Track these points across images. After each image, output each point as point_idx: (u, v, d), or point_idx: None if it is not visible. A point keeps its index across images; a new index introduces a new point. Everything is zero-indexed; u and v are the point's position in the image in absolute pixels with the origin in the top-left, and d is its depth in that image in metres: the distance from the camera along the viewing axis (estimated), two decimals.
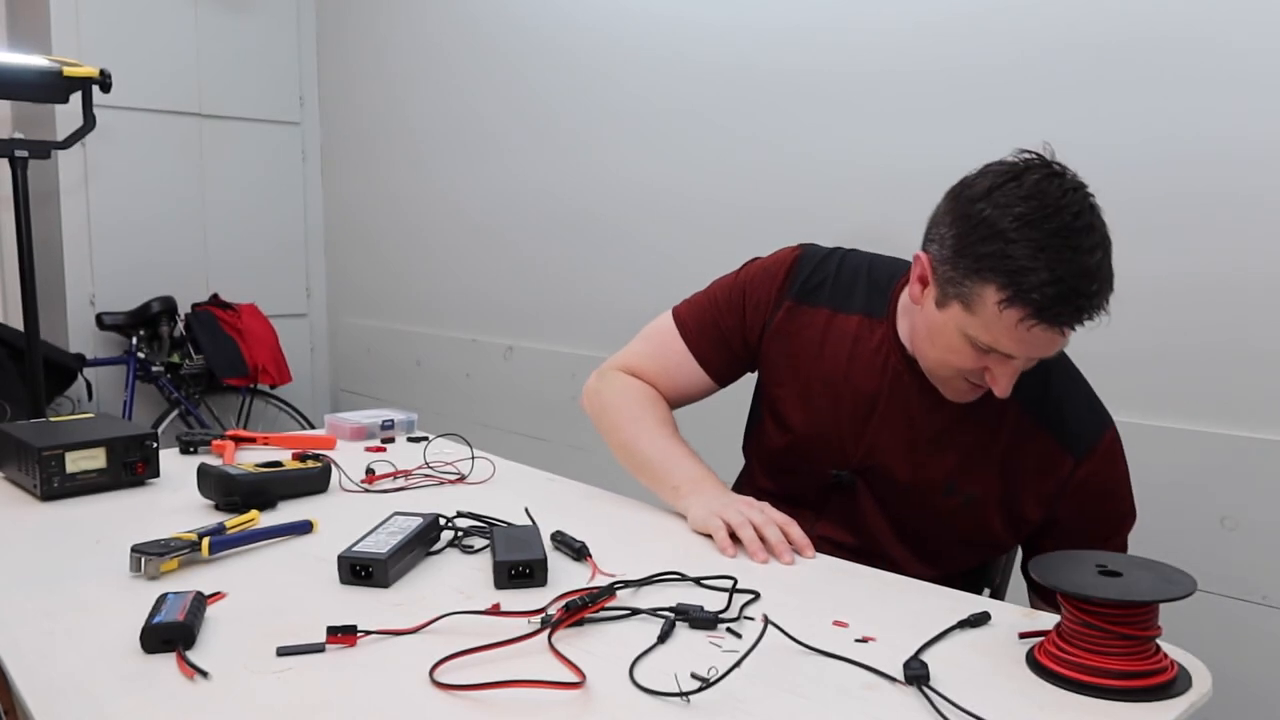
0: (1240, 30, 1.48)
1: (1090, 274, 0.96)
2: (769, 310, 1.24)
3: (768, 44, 2.17)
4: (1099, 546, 1.13)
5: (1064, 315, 0.96)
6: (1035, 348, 1.00)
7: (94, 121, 2.77)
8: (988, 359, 1.03)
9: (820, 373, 1.21)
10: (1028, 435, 1.12)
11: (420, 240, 3.45)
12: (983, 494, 1.14)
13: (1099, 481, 1.12)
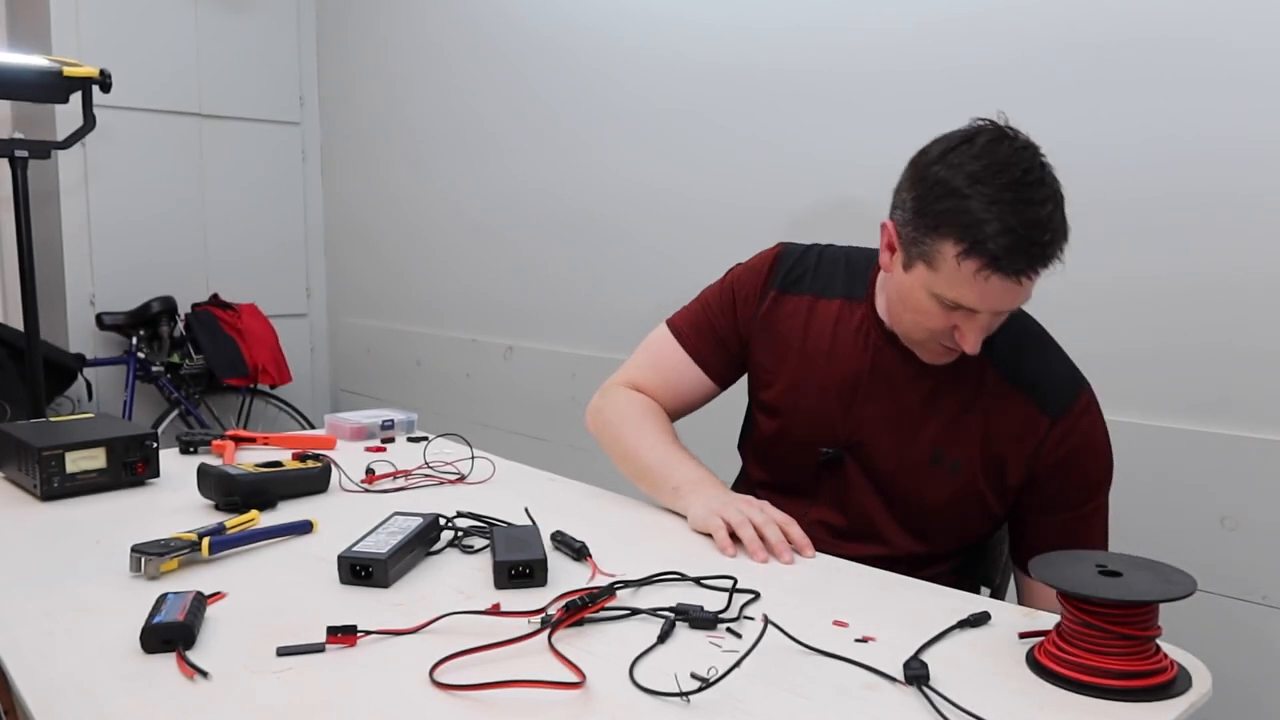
0: (1240, 30, 1.48)
1: (1042, 224, 1.01)
2: (756, 303, 1.29)
3: (768, 44, 2.17)
4: (1078, 507, 1.17)
5: (1018, 264, 1.01)
6: (995, 299, 1.04)
7: (94, 121, 2.77)
8: (955, 316, 1.07)
9: (805, 356, 1.25)
10: (1005, 399, 1.16)
11: (420, 240, 3.45)
12: (968, 460, 1.16)
13: (1075, 441, 1.15)
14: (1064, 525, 1.17)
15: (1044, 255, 1.02)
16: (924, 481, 1.18)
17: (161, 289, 3.55)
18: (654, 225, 2.51)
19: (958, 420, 1.16)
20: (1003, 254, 1.00)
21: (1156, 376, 1.60)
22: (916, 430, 1.18)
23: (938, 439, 1.17)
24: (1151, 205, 1.59)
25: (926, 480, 1.18)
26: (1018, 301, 1.06)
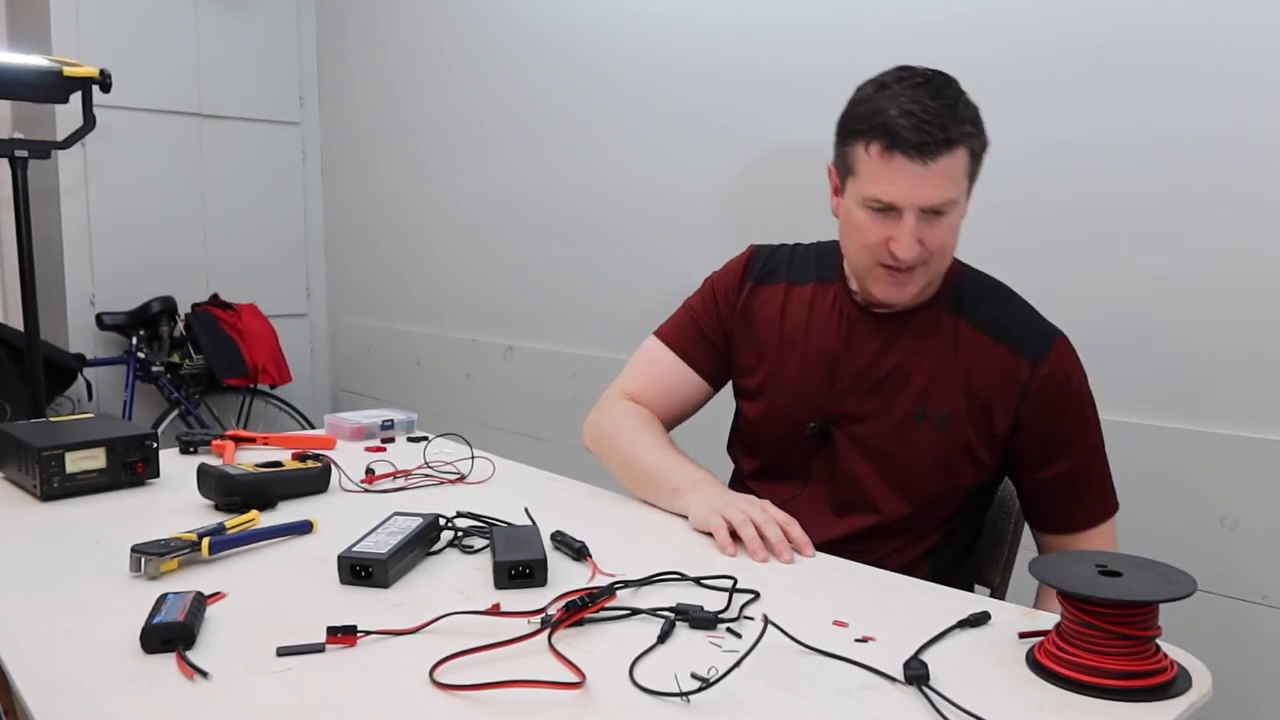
0: (1240, 30, 1.48)
1: (942, 109, 1.09)
2: (735, 296, 1.35)
3: (767, 44, 2.17)
4: (1067, 449, 1.19)
5: (916, 138, 1.08)
6: (907, 185, 1.10)
7: (94, 121, 2.77)
8: (886, 225, 1.13)
9: (784, 340, 1.30)
10: (984, 350, 1.20)
11: (420, 240, 3.45)
12: (953, 412, 1.19)
13: (1057, 381, 1.18)
14: (1065, 478, 1.20)
15: (943, 132, 1.08)
16: (911, 439, 1.21)
17: (161, 289, 3.55)
18: (654, 225, 2.51)
19: (938, 375, 1.20)
20: (901, 130, 1.08)
21: (1157, 376, 1.60)
22: (898, 391, 1.21)
23: (920, 395, 1.20)
24: (1151, 205, 1.59)
25: (913, 437, 1.21)
26: (933, 191, 1.10)
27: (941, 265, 1.18)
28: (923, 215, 1.12)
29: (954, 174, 1.11)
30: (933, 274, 1.18)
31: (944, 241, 1.15)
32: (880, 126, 1.10)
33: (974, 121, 1.13)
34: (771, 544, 1.07)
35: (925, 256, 1.14)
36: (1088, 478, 1.22)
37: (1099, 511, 1.23)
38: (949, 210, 1.13)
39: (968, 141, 1.11)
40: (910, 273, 1.16)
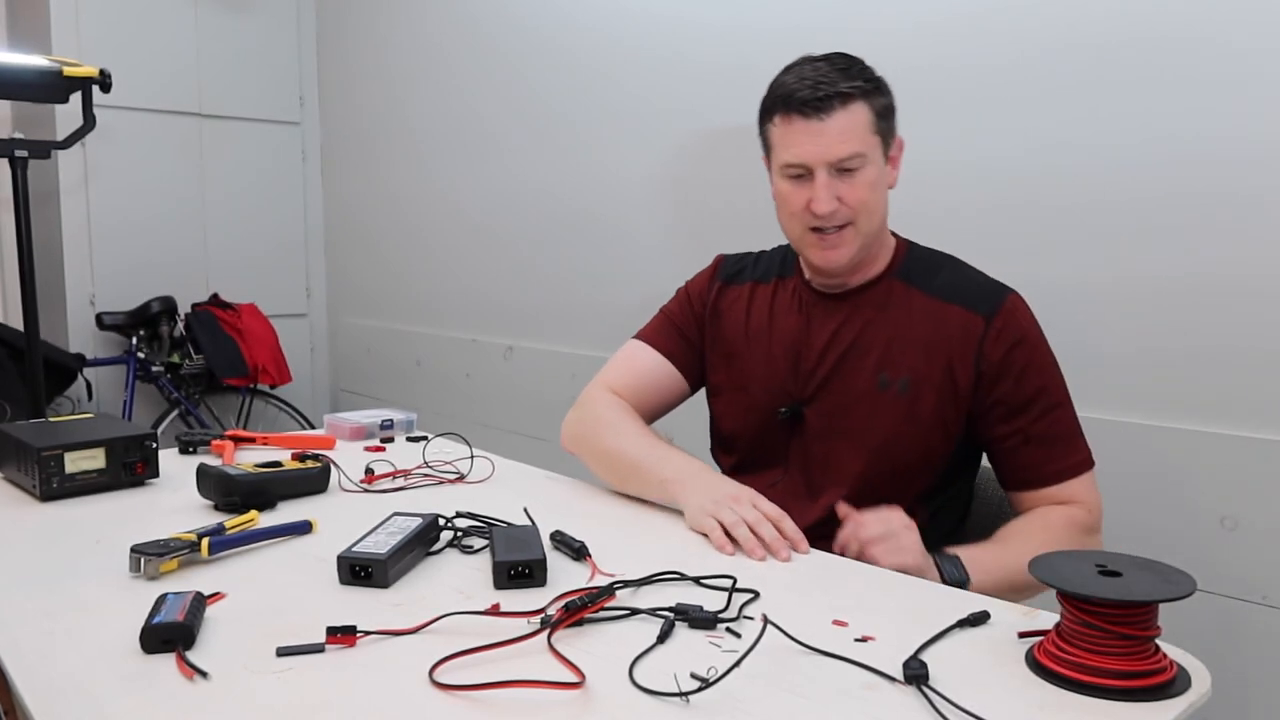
0: (1241, 29, 1.48)
1: (832, 70, 1.19)
2: (706, 296, 1.42)
3: (768, 44, 2.17)
4: (1030, 401, 1.21)
5: (807, 97, 1.18)
6: (809, 143, 1.19)
7: (94, 121, 2.77)
8: (804, 190, 1.21)
9: (750, 334, 1.35)
10: (939, 313, 1.24)
11: (420, 240, 3.45)
12: (914, 376, 1.23)
13: (1012, 333, 1.21)
14: (1031, 430, 1.21)
15: (833, 87, 1.17)
16: (877, 409, 1.24)
17: (161, 289, 3.55)
18: (654, 225, 2.51)
19: (895, 342, 1.24)
20: (796, 94, 1.19)
21: (1157, 376, 1.60)
22: (858, 364, 1.25)
23: (880, 365, 1.24)
24: (1151, 205, 1.59)
25: (879, 407, 1.24)
26: (834, 144, 1.17)
27: (869, 224, 1.22)
28: (835, 173, 1.19)
29: (855, 128, 1.18)
30: (863, 235, 1.22)
31: (863, 198, 1.20)
32: (780, 99, 1.22)
33: (870, 80, 1.20)
34: (767, 543, 1.07)
35: (849, 215, 1.20)
36: (1055, 429, 1.22)
37: (1072, 464, 1.22)
38: (859, 165, 1.19)
39: (864, 97, 1.19)
40: (839, 234, 1.21)
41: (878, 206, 1.23)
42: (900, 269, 1.29)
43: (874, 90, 1.21)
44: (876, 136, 1.21)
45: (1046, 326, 1.27)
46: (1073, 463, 1.22)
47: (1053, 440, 1.22)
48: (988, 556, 1.12)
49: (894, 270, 1.29)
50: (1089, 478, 1.23)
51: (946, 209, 1.86)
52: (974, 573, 1.09)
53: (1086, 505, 1.21)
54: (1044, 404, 1.22)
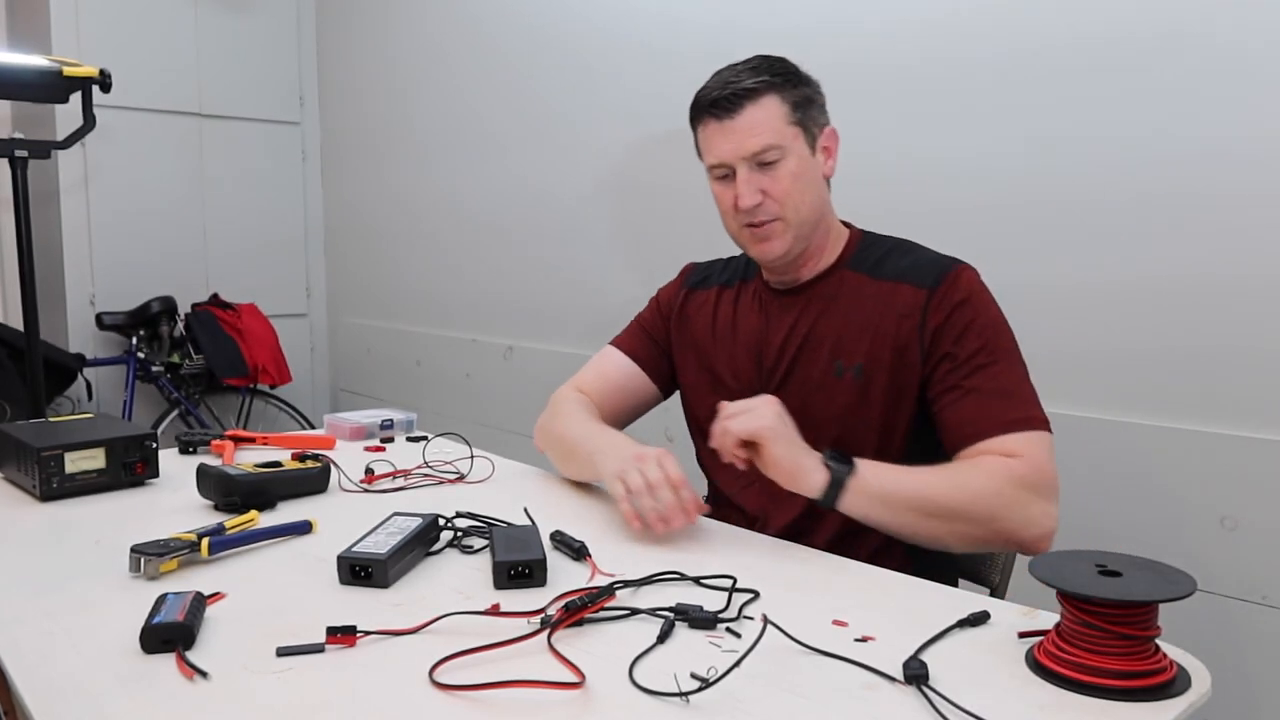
0: (1241, 28, 1.48)
1: (741, 69, 1.22)
2: (673, 302, 1.45)
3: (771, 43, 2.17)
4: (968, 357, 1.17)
5: (715, 97, 1.21)
6: (724, 142, 1.22)
7: (94, 121, 2.77)
8: (730, 187, 1.24)
9: (716, 336, 1.38)
10: (888, 294, 1.24)
11: (420, 240, 3.45)
12: (867, 360, 1.23)
13: (953, 299, 1.20)
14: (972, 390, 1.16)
15: (738, 84, 1.20)
16: (834, 396, 1.24)
17: (161, 289, 3.55)
18: (655, 224, 2.51)
19: (847, 329, 1.25)
20: (706, 98, 1.23)
21: (1157, 376, 1.60)
22: (815, 355, 1.27)
23: (834, 354, 1.25)
24: (1151, 205, 1.59)
25: (836, 394, 1.24)
26: (745, 140, 1.20)
27: (799, 214, 1.23)
28: (756, 167, 1.21)
29: (766, 121, 1.20)
30: (794, 226, 1.23)
31: (787, 189, 1.21)
32: (696, 105, 1.26)
33: (779, 72, 1.22)
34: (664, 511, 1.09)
35: (775, 208, 1.22)
36: (995, 384, 1.16)
37: (1013, 419, 1.13)
38: (777, 157, 1.20)
39: (774, 90, 1.20)
40: (769, 226, 1.23)
41: (805, 197, 1.23)
42: (851, 258, 1.29)
43: (785, 83, 1.22)
44: (794, 127, 1.22)
45: (1047, 326, 1.27)
46: (1014, 418, 1.14)
47: (992, 394, 1.16)
48: (887, 470, 1.08)
49: (845, 260, 1.29)
50: (1037, 439, 1.13)
51: (945, 208, 1.86)
52: (864, 471, 1.06)
53: (1028, 460, 1.11)
54: (984, 360, 1.17)
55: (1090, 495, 1.67)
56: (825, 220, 1.29)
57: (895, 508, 1.07)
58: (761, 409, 1.09)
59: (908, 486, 1.07)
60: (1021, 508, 1.08)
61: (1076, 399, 1.70)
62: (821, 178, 1.27)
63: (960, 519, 1.07)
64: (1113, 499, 1.65)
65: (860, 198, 1.99)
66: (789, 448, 1.08)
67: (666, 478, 1.11)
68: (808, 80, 1.26)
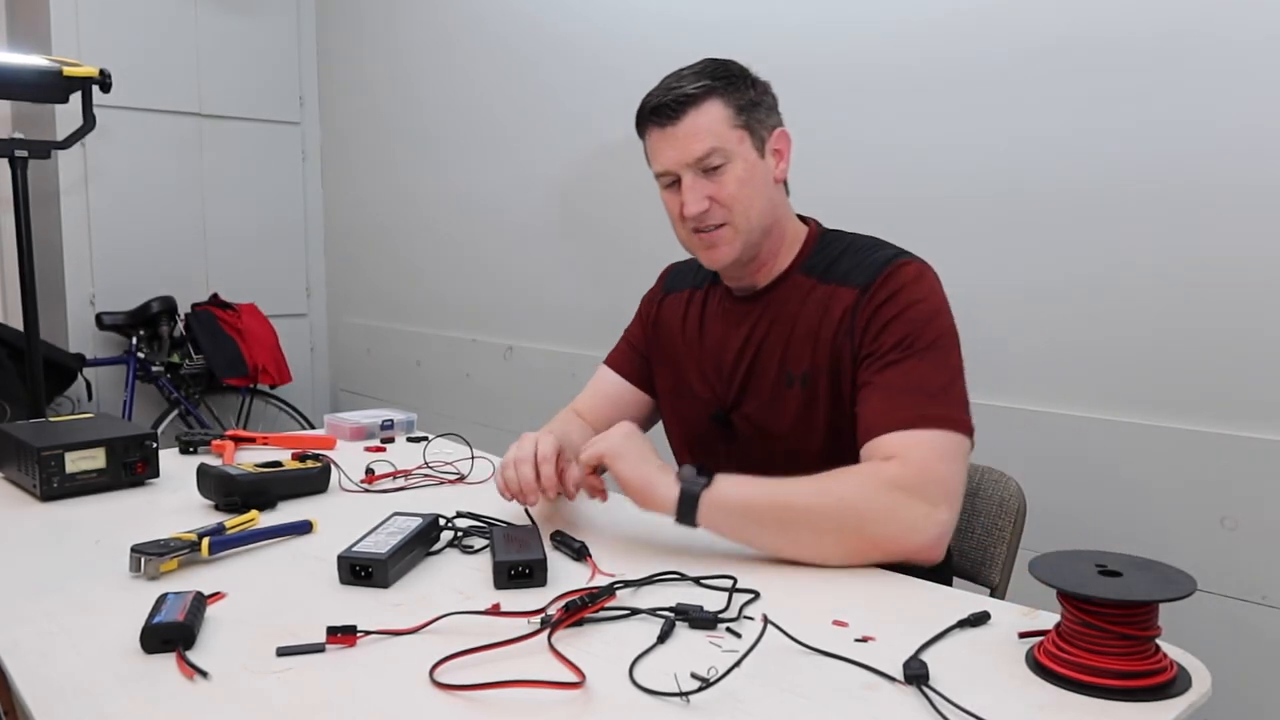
0: (1242, 26, 1.48)
1: (682, 75, 1.20)
2: (651, 310, 1.44)
3: (775, 41, 2.17)
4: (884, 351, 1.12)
5: (656, 104, 1.20)
6: (667, 148, 1.20)
7: (94, 121, 2.78)
8: (678, 195, 1.21)
9: (686, 341, 1.35)
10: (830, 298, 1.20)
11: (420, 240, 3.45)
12: (810, 367, 1.20)
13: (884, 292, 1.15)
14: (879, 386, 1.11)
15: (679, 90, 1.18)
16: (786, 406, 1.22)
17: (161, 289, 3.55)
18: (656, 224, 2.51)
19: (794, 337, 1.22)
20: (649, 106, 1.21)
21: (1157, 376, 1.60)
22: (767, 364, 1.24)
23: (783, 362, 1.23)
24: (1150, 205, 1.59)
25: (786, 403, 1.22)
26: (688, 146, 1.17)
27: (747, 220, 1.19)
28: (701, 174, 1.18)
29: (708, 126, 1.17)
30: (743, 232, 1.19)
31: (733, 194, 1.18)
32: (640, 113, 1.23)
33: (719, 76, 1.19)
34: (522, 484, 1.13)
35: (723, 214, 1.19)
36: (904, 380, 1.10)
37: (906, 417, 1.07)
38: (722, 161, 1.17)
39: (713, 94, 1.17)
40: (717, 232, 1.20)
41: (754, 201, 1.19)
42: (805, 262, 1.25)
43: (729, 86, 1.18)
44: (739, 131, 1.18)
45: (1047, 324, 1.26)
46: (910, 416, 1.06)
47: (899, 390, 1.09)
48: (749, 482, 1.04)
49: (800, 264, 1.25)
50: (930, 439, 1.05)
51: (943, 206, 1.86)
52: (721, 484, 1.03)
53: (906, 461, 1.04)
54: (899, 355, 1.11)
55: (1090, 495, 1.67)
56: (779, 224, 1.24)
57: (757, 521, 1.03)
58: (610, 432, 1.11)
59: (768, 497, 1.03)
60: (894, 513, 1.01)
61: (1076, 399, 1.70)
62: (772, 181, 1.22)
63: (829, 529, 1.02)
64: (1113, 499, 1.65)
65: (862, 196, 2.00)
66: (637, 465, 1.07)
67: (532, 454, 1.14)
68: (754, 82, 1.22)
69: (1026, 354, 1.76)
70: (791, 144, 1.25)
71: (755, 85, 1.22)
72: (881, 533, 1.02)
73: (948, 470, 1.05)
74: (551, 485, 1.14)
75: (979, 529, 1.34)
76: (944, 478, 1.04)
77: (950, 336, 1.15)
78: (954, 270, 1.81)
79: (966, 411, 1.10)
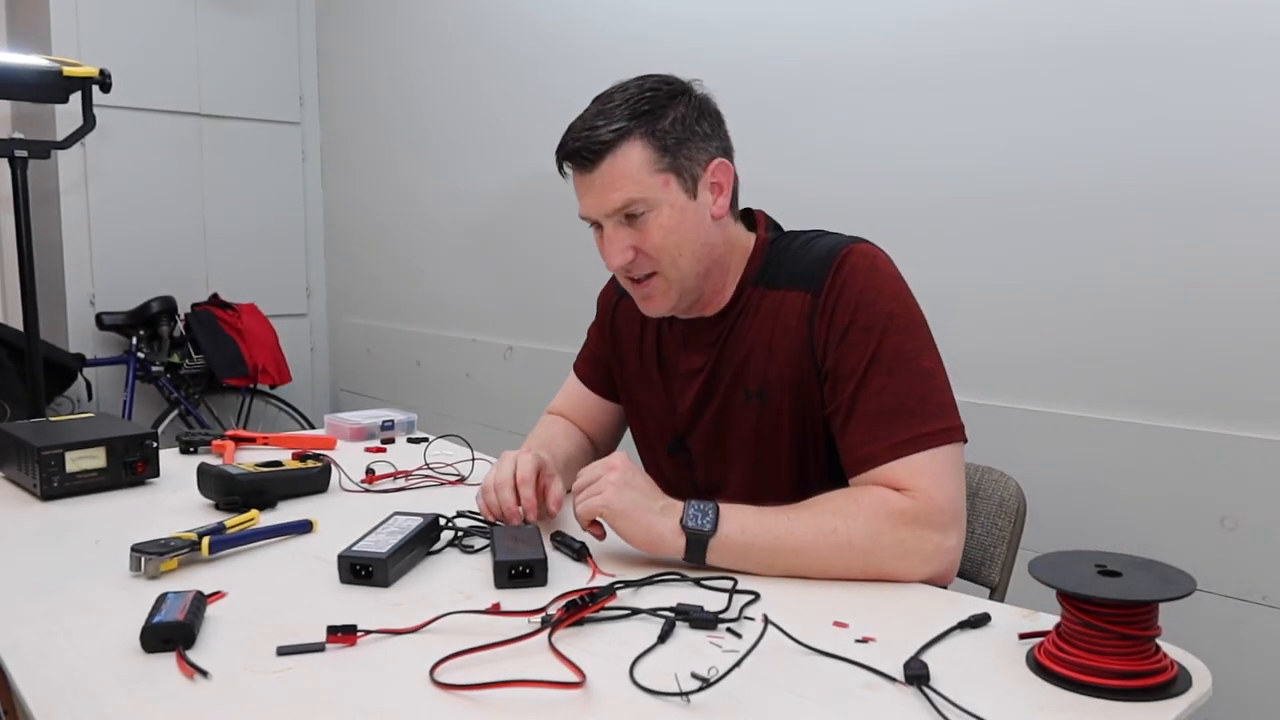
0: (1242, 26, 1.48)
1: (598, 111, 1.10)
2: (607, 317, 1.37)
3: (778, 40, 2.17)
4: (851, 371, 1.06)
5: (571, 149, 1.10)
6: (586, 194, 1.12)
7: (94, 121, 2.78)
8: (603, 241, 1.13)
9: (643, 358, 1.29)
10: (780, 306, 1.13)
11: (421, 240, 3.45)
12: (766, 382, 1.13)
13: (834, 295, 1.08)
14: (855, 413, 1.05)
15: (593, 134, 1.08)
16: (744, 424, 1.16)
17: (161, 289, 3.56)
18: None
19: (750, 353, 1.15)
20: (566, 146, 1.11)
21: (1157, 376, 1.60)
22: (723, 383, 1.17)
23: (739, 381, 1.16)
24: (1153, 203, 1.59)
25: (745, 423, 1.16)
26: (604, 196, 1.09)
27: (677, 270, 1.11)
28: (623, 221, 1.10)
29: (625, 172, 1.07)
30: (675, 281, 1.12)
31: (659, 243, 1.09)
32: (557, 154, 1.13)
33: (639, 113, 1.08)
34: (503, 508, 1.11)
35: (649, 264, 1.11)
36: (881, 403, 1.04)
37: (895, 443, 1.02)
38: (643, 210, 1.08)
39: (631, 136, 1.07)
40: (649, 283, 1.13)
41: (683, 248, 1.10)
42: (755, 275, 1.16)
43: (651, 122, 1.07)
44: (662, 175, 1.08)
45: (1047, 325, 1.25)
46: (890, 444, 1.02)
47: (878, 413, 1.03)
48: (753, 519, 0.99)
49: (750, 278, 1.17)
50: (928, 461, 1.01)
51: (943, 206, 1.86)
52: (727, 526, 0.97)
53: (916, 493, 1.00)
54: (868, 371, 1.05)
55: (1090, 495, 1.67)
56: (719, 263, 1.15)
57: (767, 561, 0.98)
58: (601, 483, 1.01)
59: (774, 539, 0.98)
60: (906, 550, 0.98)
61: (1076, 399, 1.70)
62: (708, 220, 1.12)
63: (838, 568, 0.98)
64: (1113, 499, 1.65)
65: (861, 196, 2.00)
66: (637, 520, 0.99)
67: (511, 477, 1.13)
68: (685, 112, 1.10)
69: (1026, 354, 1.75)
70: (733, 172, 1.15)
71: (685, 117, 1.10)
72: (893, 568, 0.98)
73: (952, 491, 1.02)
74: (531, 508, 1.12)
75: (979, 529, 1.34)
76: (949, 501, 1.01)
77: (916, 331, 1.07)
78: (954, 270, 1.82)
79: (954, 413, 1.05)
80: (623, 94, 1.11)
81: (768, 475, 1.17)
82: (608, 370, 1.38)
